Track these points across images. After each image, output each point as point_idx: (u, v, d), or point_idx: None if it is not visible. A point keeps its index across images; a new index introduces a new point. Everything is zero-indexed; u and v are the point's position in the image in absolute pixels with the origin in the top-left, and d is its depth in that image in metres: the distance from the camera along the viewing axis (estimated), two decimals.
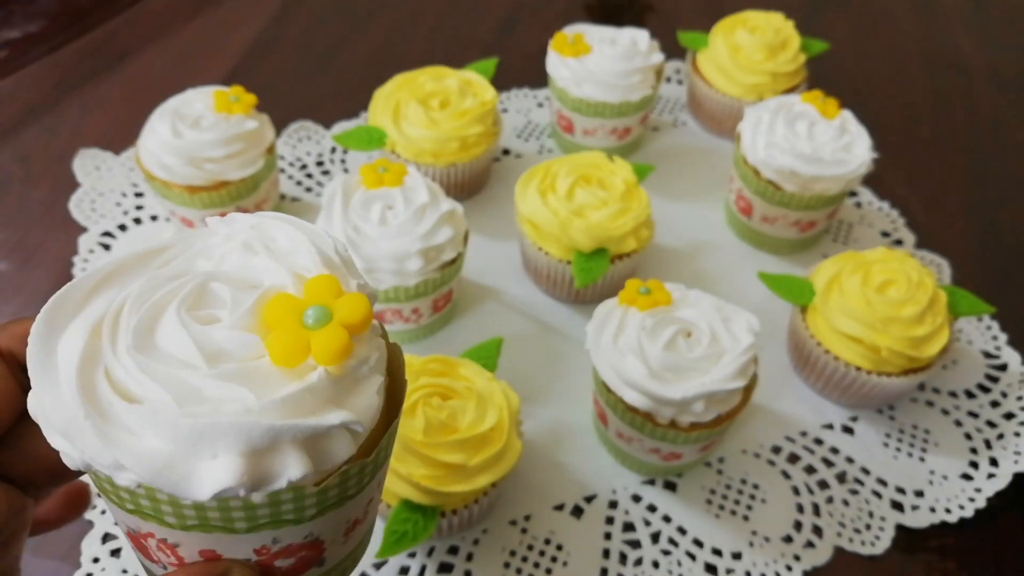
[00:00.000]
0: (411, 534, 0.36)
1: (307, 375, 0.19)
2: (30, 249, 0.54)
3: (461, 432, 0.36)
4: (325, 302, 0.20)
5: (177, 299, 0.20)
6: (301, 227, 0.22)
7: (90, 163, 0.58)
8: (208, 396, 0.18)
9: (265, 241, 0.21)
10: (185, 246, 0.22)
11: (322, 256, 0.21)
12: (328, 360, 0.19)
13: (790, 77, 0.62)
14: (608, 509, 0.43)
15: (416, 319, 0.48)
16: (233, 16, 0.76)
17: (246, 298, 0.20)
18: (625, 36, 0.59)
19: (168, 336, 0.19)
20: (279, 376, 0.19)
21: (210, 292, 0.20)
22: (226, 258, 0.21)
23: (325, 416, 0.19)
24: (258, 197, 0.52)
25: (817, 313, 0.46)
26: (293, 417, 0.18)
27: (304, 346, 0.19)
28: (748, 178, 0.54)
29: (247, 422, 0.18)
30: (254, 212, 0.23)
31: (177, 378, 0.18)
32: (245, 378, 0.19)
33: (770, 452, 0.46)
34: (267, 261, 0.21)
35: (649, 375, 0.38)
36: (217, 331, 0.19)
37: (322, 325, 0.19)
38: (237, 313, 0.20)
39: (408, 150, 0.54)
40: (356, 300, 0.20)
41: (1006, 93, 0.75)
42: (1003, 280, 0.57)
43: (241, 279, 0.21)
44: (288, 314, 0.19)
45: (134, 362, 0.19)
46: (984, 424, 0.48)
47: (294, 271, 0.21)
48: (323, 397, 0.19)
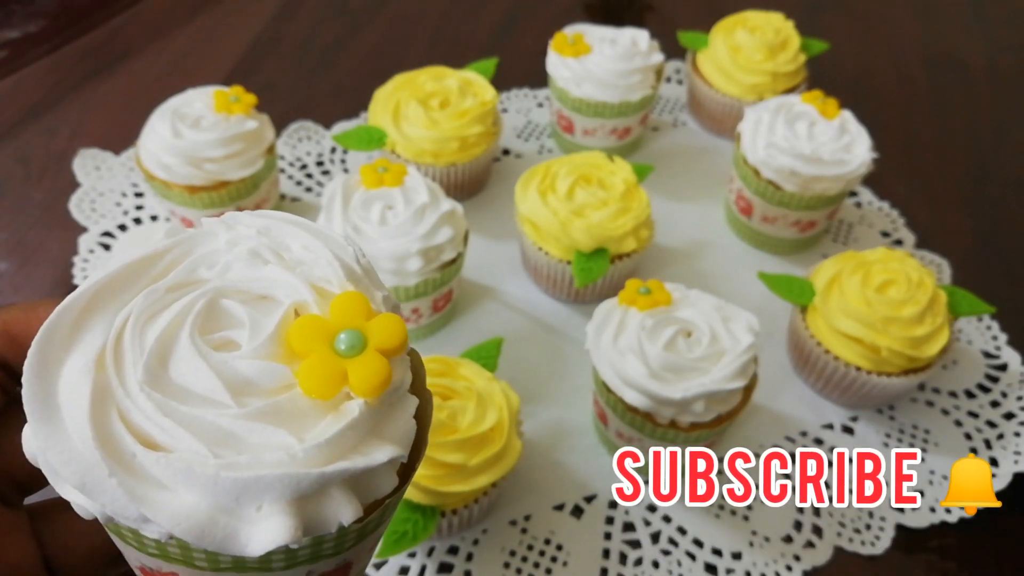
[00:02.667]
0: (411, 534, 0.36)
1: (344, 407, 0.17)
2: (30, 249, 0.54)
3: (461, 432, 0.36)
4: (356, 324, 0.18)
5: (188, 322, 0.18)
6: (316, 233, 0.20)
7: (90, 163, 0.58)
8: (243, 441, 0.17)
9: (276, 248, 0.19)
10: (182, 252, 0.19)
11: (345, 268, 0.19)
12: (369, 393, 0.17)
13: (790, 77, 0.62)
14: (608, 509, 0.43)
15: (416, 319, 0.48)
16: (233, 16, 0.76)
17: (266, 320, 0.18)
18: (625, 36, 0.59)
19: (184, 368, 0.17)
20: (314, 410, 0.17)
21: (221, 311, 0.18)
22: (232, 267, 0.19)
23: (372, 454, 0.17)
24: (258, 197, 0.52)
25: (817, 313, 0.46)
26: (339, 458, 0.17)
27: (340, 377, 0.17)
28: (748, 178, 0.54)
29: (295, 473, 0.16)
30: (254, 212, 0.21)
31: (205, 421, 0.17)
32: (280, 417, 0.17)
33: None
34: (281, 273, 0.19)
35: (649, 375, 0.38)
36: (240, 361, 0.17)
37: (357, 352, 0.17)
38: (259, 339, 0.18)
39: (408, 150, 0.54)
40: (391, 322, 0.18)
41: (1006, 93, 0.75)
42: (1003, 280, 0.57)
43: (254, 293, 0.19)
44: (318, 340, 0.17)
45: (152, 403, 0.17)
46: (984, 424, 0.48)
47: (313, 284, 0.19)
48: (363, 430, 0.17)
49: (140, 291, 0.18)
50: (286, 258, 0.19)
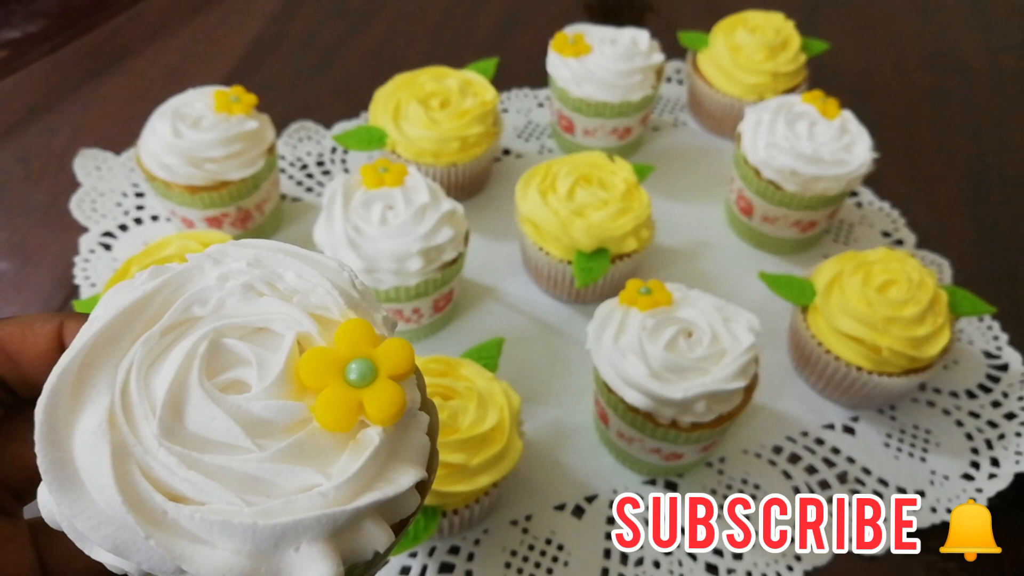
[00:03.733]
0: (412, 534, 0.36)
1: (362, 437, 0.18)
2: (31, 249, 0.54)
3: (462, 432, 0.36)
4: (365, 353, 0.18)
5: (195, 367, 0.17)
6: (309, 260, 0.19)
7: (91, 163, 0.58)
8: (271, 484, 0.17)
9: (270, 279, 0.19)
10: (172, 292, 0.19)
11: (344, 295, 0.19)
12: (388, 421, 0.17)
13: (790, 77, 0.62)
14: (609, 509, 0.43)
15: (417, 319, 0.48)
16: (233, 16, 0.76)
17: (273, 356, 0.18)
18: (625, 36, 0.59)
19: (200, 417, 0.17)
20: (333, 443, 0.17)
21: (225, 350, 0.18)
22: (227, 303, 0.18)
23: (398, 480, 0.17)
24: (259, 197, 0.52)
25: (818, 313, 0.46)
26: (366, 488, 0.17)
27: (356, 408, 0.17)
28: (749, 178, 0.54)
29: (330, 513, 0.16)
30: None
31: (230, 469, 0.16)
32: (302, 455, 0.17)
33: (771, 452, 0.46)
34: (279, 305, 0.18)
35: (650, 375, 0.38)
36: (254, 403, 0.17)
37: (370, 382, 0.17)
38: (269, 377, 0.17)
39: (408, 150, 0.54)
40: (398, 348, 0.18)
41: (1007, 93, 0.75)
42: (1004, 280, 0.57)
43: (253, 328, 0.18)
44: (330, 372, 0.17)
45: (174, 457, 0.16)
46: (985, 424, 0.48)
47: (313, 313, 0.18)
48: (384, 456, 0.18)
49: (136, 338, 0.18)
50: (281, 288, 0.19)
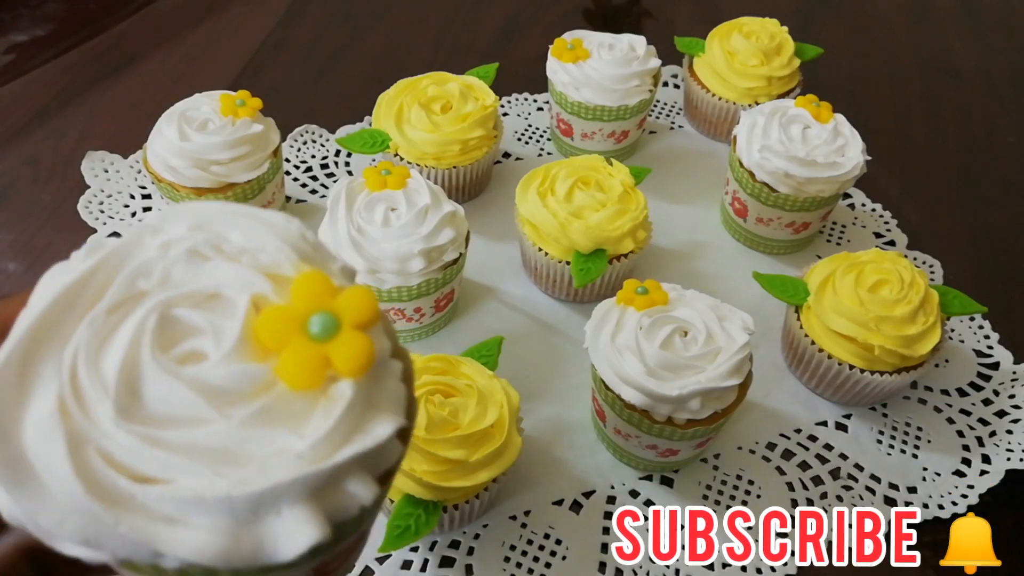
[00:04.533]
0: (413, 528, 0.36)
1: (333, 391, 0.17)
2: (39, 250, 0.55)
3: (462, 429, 0.37)
4: (325, 305, 0.17)
5: (145, 343, 0.16)
6: (254, 216, 0.18)
7: (98, 165, 0.59)
8: (242, 452, 0.16)
9: (215, 242, 0.18)
10: (112, 268, 0.17)
11: (295, 248, 0.18)
12: (358, 372, 0.17)
13: (785, 81, 0.63)
14: (606, 504, 0.44)
15: (418, 318, 0.49)
16: (239, 21, 0.77)
17: (228, 322, 0.17)
18: (623, 42, 0.60)
19: (157, 392, 0.16)
20: (304, 401, 0.17)
21: (176, 321, 0.17)
22: (172, 272, 0.17)
23: (375, 430, 0.17)
24: (264, 199, 0.53)
25: (811, 312, 0.47)
26: (344, 443, 0.16)
27: (323, 363, 0.16)
28: (743, 180, 0.55)
29: (307, 473, 0.15)
30: (180, 205, 0.19)
31: (196, 442, 0.16)
32: (272, 418, 0.16)
33: (765, 448, 0.47)
34: (229, 266, 0.17)
35: (646, 373, 0.39)
36: (214, 370, 0.16)
37: (334, 334, 0.17)
38: (227, 343, 0.17)
39: (411, 153, 0.55)
40: (359, 294, 0.17)
41: (998, 96, 0.76)
42: (994, 280, 0.58)
43: (205, 295, 0.17)
44: (291, 330, 0.16)
45: (135, 437, 0.15)
46: (976, 422, 0.49)
47: (266, 271, 0.18)
48: (359, 408, 0.17)
49: (79, 320, 0.16)
50: (228, 250, 0.18)
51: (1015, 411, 0.49)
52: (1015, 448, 0.47)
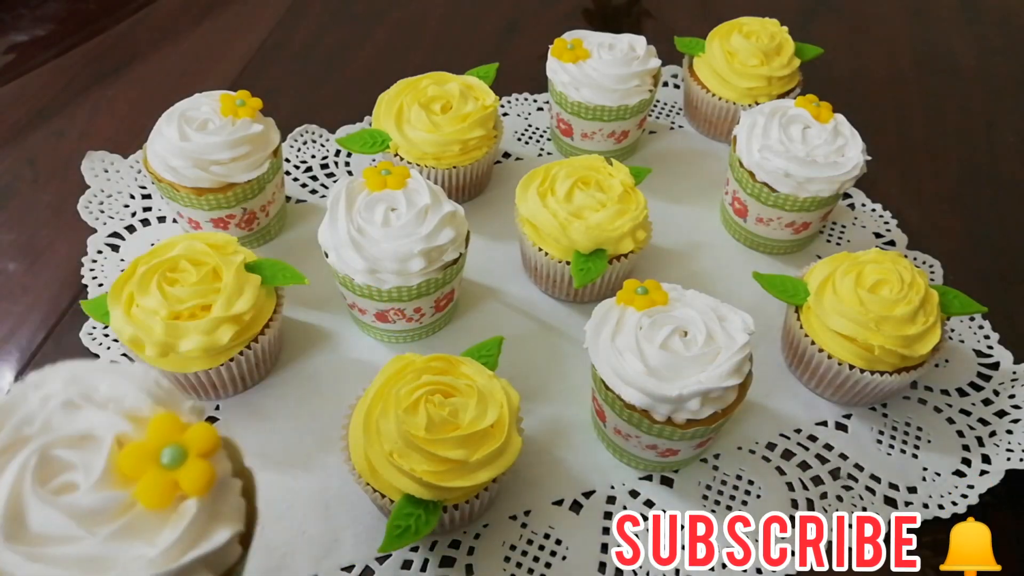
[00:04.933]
0: (413, 528, 0.37)
1: (182, 508, 0.22)
2: (39, 250, 0.55)
3: (462, 429, 0.37)
4: (175, 439, 0.22)
5: (27, 478, 0.21)
6: (117, 370, 0.24)
7: (98, 165, 0.59)
8: (108, 560, 0.20)
9: (87, 393, 0.23)
10: (3, 418, 0.22)
11: (151, 395, 0.23)
12: (200, 492, 0.22)
13: (784, 81, 0.63)
14: (606, 504, 0.44)
15: (419, 318, 0.49)
16: (239, 21, 0.77)
17: (95, 457, 0.22)
18: (623, 42, 0.60)
19: (37, 518, 0.21)
20: (158, 518, 0.22)
21: (54, 460, 0.22)
22: (51, 420, 0.22)
23: (214, 537, 0.22)
24: (264, 199, 0.53)
25: (811, 312, 0.47)
26: (189, 549, 0.21)
27: (172, 486, 0.22)
28: (743, 180, 0.55)
29: (158, 574, 0.21)
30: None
31: (69, 555, 0.20)
32: (131, 532, 0.21)
33: (765, 449, 0.47)
34: (96, 413, 0.22)
35: (646, 373, 0.39)
36: (83, 498, 0.21)
37: (181, 463, 0.22)
38: (94, 475, 0.21)
39: (411, 153, 0.55)
40: (203, 431, 0.23)
41: (997, 96, 0.76)
42: (994, 280, 0.58)
43: (78, 436, 0.22)
44: (146, 461, 0.22)
45: (19, 555, 0.20)
46: (976, 422, 0.49)
47: (128, 415, 0.23)
48: (203, 519, 0.22)
49: None
50: (96, 399, 0.23)
51: (1015, 411, 0.49)
52: (1015, 448, 0.47)
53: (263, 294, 0.44)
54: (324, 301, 0.52)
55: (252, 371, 0.46)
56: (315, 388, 0.48)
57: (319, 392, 0.47)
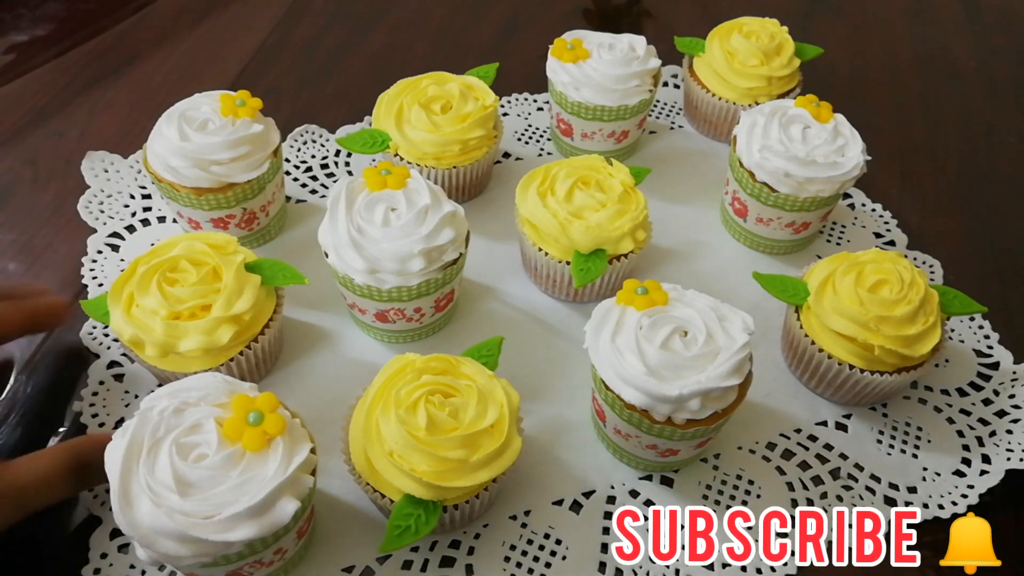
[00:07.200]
0: (413, 528, 0.37)
1: (274, 444, 0.34)
2: (39, 250, 0.55)
3: (462, 428, 0.37)
4: (252, 407, 0.34)
5: (176, 459, 0.33)
6: (197, 379, 0.36)
7: (98, 165, 0.59)
8: (245, 484, 0.33)
9: (184, 399, 0.34)
10: (140, 431, 0.33)
11: (222, 387, 0.35)
12: (280, 432, 0.34)
13: (785, 81, 0.63)
14: (606, 504, 0.44)
15: (419, 318, 0.49)
16: (239, 22, 0.77)
17: (210, 435, 0.33)
18: (623, 42, 0.60)
19: (193, 478, 0.32)
20: (262, 456, 0.34)
21: (185, 445, 0.33)
22: (171, 423, 0.34)
23: (299, 453, 0.34)
24: (264, 199, 0.53)
25: (811, 312, 0.47)
26: (289, 464, 0.34)
27: (263, 435, 0.34)
28: (743, 180, 0.55)
29: (281, 479, 0.33)
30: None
31: (222, 491, 0.32)
32: (251, 468, 0.33)
33: (765, 448, 0.47)
34: (196, 410, 0.34)
35: (646, 373, 0.39)
36: (214, 458, 0.33)
37: (262, 420, 0.34)
38: (213, 445, 0.33)
39: (411, 153, 0.55)
40: (267, 397, 0.35)
41: (998, 96, 0.76)
42: (994, 280, 0.58)
43: (191, 427, 0.34)
44: (241, 426, 0.34)
45: (194, 502, 0.32)
46: (976, 422, 0.49)
47: (215, 404, 0.35)
48: (288, 444, 0.34)
49: (135, 462, 0.33)
50: (191, 401, 0.35)
51: (1015, 411, 0.49)
52: (1015, 448, 0.47)
53: (263, 294, 0.44)
54: (324, 301, 0.52)
55: (252, 371, 0.46)
56: (315, 388, 0.48)
57: (319, 392, 0.47)
